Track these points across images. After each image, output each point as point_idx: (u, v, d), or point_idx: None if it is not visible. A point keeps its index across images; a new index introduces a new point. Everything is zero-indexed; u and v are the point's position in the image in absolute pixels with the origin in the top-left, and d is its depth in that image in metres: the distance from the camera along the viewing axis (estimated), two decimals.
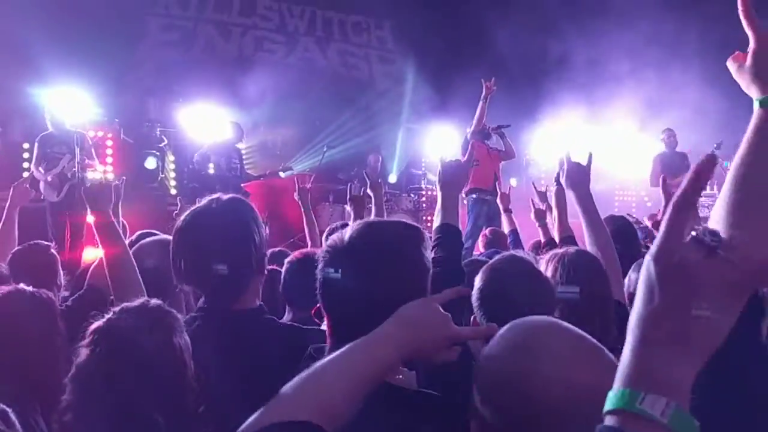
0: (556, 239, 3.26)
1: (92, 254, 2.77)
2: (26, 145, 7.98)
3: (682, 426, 0.66)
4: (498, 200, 5.29)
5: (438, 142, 10.49)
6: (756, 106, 1.18)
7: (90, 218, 2.25)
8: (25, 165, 7.77)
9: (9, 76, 8.38)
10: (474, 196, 7.54)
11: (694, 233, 0.71)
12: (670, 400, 0.66)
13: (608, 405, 0.69)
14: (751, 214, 1.11)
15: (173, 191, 9.16)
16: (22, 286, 1.99)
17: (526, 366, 1.01)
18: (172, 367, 1.47)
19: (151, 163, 8.76)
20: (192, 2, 11.13)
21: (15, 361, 1.81)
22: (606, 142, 10.14)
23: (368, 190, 3.68)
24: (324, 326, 1.45)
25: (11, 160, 8.21)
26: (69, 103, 7.50)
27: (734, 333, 0.70)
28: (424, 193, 10.66)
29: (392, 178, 11.17)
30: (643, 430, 0.66)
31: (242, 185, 7.65)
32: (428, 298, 1.19)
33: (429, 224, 8.12)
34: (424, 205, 10.46)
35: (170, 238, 1.88)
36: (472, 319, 1.92)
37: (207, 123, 8.71)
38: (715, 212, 1.15)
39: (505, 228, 5.05)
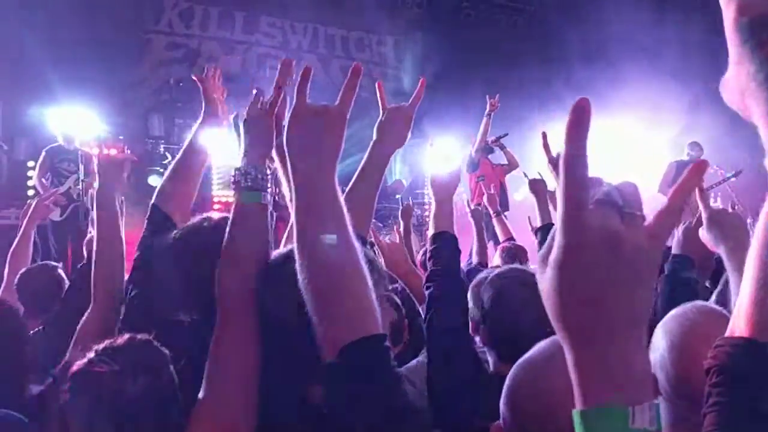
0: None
1: None
2: (31, 163, 8.01)
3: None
4: (486, 202, 5.06)
5: (440, 157, 10.48)
6: None
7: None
8: (30, 183, 7.79)
9: (14, 95, 8.44)
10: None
11: (596, 196, 0.62)
12: (651, 403, 0.59)
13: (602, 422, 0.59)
14: None
15: None
16: None
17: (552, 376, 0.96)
18: (158, 413, 1.38)
19: (154, 180, 8.77)
20: (195, 20, 11.22)
21: None
22: (609, 154, 10.12)
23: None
24: None
25: (16, 179, 8.24)
26: (74, 121, 7.52)
27: None
28: (427, 208, 10.66)
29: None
30: None
31: None
32: None
33: None
34: (427, 220, 10.45)
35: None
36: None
37: (210, 140, 8.72)
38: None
39: (500, 235, 4.86)
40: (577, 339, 0.60)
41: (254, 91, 1.65)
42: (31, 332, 2.26)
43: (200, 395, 1.33)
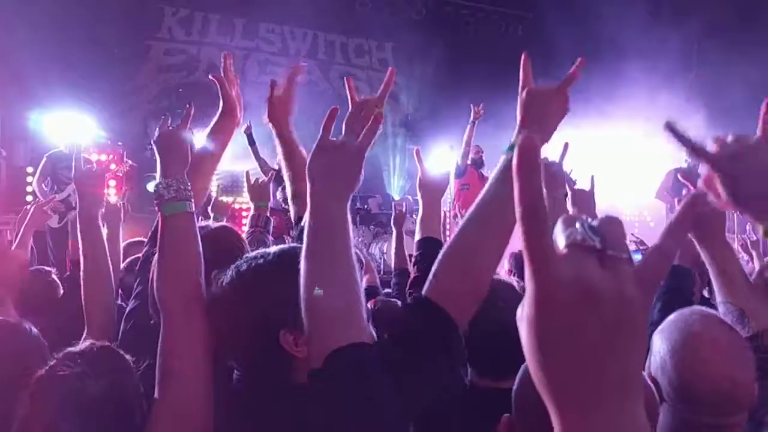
0: None
1: None
2: (30, 169, 8.02)
3: None
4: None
5: (438, 162, 10.53)
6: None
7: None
8: (29, 189, 7.80)
9: (12, 100, 8.45)
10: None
11: (570, 237, 0.52)
12: None
13: None
14: None
15: None
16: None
17: None
18: (121, 413, 1.40)
19: (153, 186, 8.76)
20: (195, 26, 11.25)
21: None
22: (607, 163, 10.15)
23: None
24: None
25: (15, 185, 8.25)
26: (73, 127, 7.54)
27: None
28: None
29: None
30: None
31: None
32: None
33: None
34: None
35: None
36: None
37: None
38: None
39: None
40: (559, 405, 0.52)
41: (162, 117, 1.76)
42: None
43: (155, 397, 1.38)
